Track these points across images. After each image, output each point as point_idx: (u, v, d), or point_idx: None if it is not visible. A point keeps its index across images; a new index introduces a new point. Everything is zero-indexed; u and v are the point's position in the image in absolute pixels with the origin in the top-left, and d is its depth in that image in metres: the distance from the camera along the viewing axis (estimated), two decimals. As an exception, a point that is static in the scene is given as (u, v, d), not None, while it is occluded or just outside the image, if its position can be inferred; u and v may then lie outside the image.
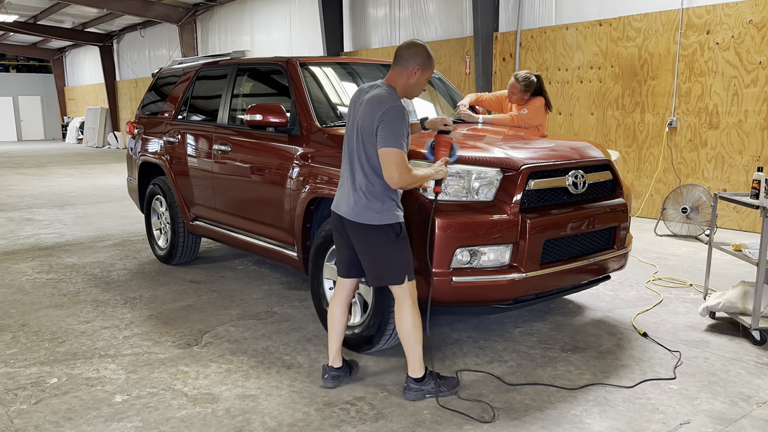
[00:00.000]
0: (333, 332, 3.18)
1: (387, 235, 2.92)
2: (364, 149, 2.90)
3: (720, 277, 5.19)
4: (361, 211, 2.92)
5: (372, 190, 2.91)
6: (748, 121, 6.86)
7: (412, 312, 2.98)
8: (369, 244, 2.96)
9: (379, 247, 2.94)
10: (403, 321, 2.99)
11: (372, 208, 2.90)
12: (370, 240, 2.94)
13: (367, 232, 2.93)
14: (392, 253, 2.94)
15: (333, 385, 3.17)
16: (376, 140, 2.82)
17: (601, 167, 3.76)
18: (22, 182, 12.35)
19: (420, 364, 3.04)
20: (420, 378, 3.04)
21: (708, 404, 3.02)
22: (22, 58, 29.15)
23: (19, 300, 4.69)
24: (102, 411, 2.96)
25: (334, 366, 3.20)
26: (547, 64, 8.75)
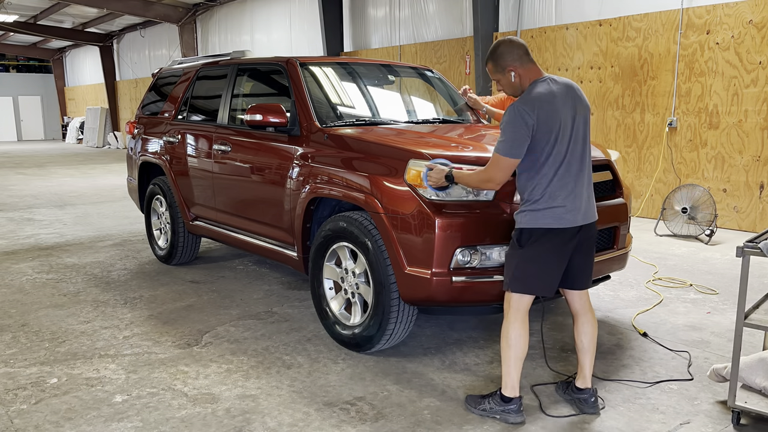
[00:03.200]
0: (522, 361, 2.85)
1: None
2: (588, 137, 2.84)
3: (720, 277, 5.19)
4: (595, 206, 2.89)
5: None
6: (748, 121, 6.86)
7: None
8: (595, 239, 2.94)
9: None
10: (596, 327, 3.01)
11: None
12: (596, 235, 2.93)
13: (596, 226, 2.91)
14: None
15: (524, 417, 2.86)
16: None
17: (601, 167, 3.76)
18: (22, 182, 12.35)
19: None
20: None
21: (708, 404, 3.01)
22: (22, 58, 29.14)
23: (19, 300, 4.69)
24: (102, 411, 2.96)
25: (520, 395, 2.89)
26: (548, 64, 8.75)
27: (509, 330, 2.82)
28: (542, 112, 2.65)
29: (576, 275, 2.90)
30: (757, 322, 2.71)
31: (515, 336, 2.81)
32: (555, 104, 2.68)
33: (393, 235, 3.25)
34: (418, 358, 3.55)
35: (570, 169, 2.72)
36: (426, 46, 10.72)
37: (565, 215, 2.71)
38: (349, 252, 3.60)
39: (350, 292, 3.65)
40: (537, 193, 2.71)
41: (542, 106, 2.66)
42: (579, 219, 2.75)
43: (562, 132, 2.68)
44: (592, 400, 2.93)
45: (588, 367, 2.95)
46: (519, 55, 2.82)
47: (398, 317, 3.38)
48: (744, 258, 2.65)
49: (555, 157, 2.69)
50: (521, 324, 2.82)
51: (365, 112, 4.45)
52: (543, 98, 2.68)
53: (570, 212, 2.72)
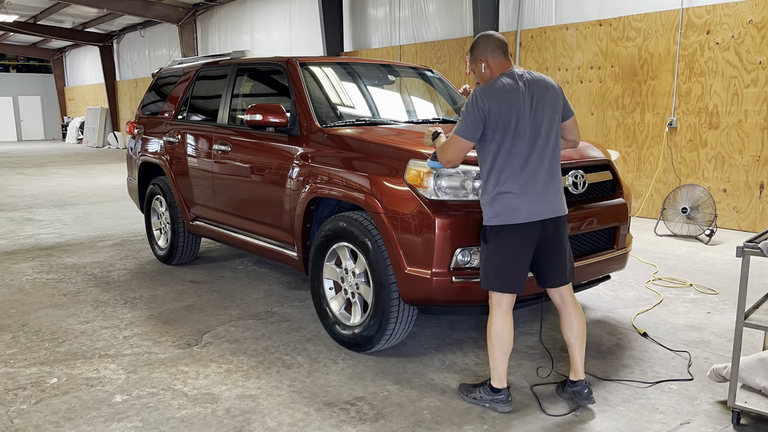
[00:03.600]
0: (508, 354, 2.93)
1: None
2: (556, 134, 2.86)
3: (720, 277, 5.19)
4: (564, 202, 2.92)
5: (560, 173, 2.90)
6: (748, 121, 6.86)
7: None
8: (565, 236, 2.95)
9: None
10: (584, 321, 3.04)
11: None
12: (566, 230, 2.95)
13: (565, 223, 2.93)
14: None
15: (512, 406, 2.96)
16: (563, 114, 2.88)
17: (601, 167, 3.76)
18: (22, 182, 12.35)
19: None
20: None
21: (708, 404, 3.01)
22: (22, 58, 29.13)
23: (19, 300, 4.69)
24: (102, 411, 2.96)
25: (508, 386, 2.99)
26: (547, 64, 8.75)
27: (492, 326, 2.89)
28: (495, 102, 2.71)
29: (550, 272, 2.93)
30: (757, 322, 2.71)
31: (497, 332, 2.88)
32: (512, 96, 2.73)
33: (393, 235, 3.25)
34: (418, 358, 3.55)
35: (531, 164, 2.75)
36: (426, 46, 10.72)
37: (519, 210, 2.74)
38: (349, 252, 3.60)
39: (350, 292, 3.65)
40: (490, 184, 2.79)
41: (497, 97, 2.72)
42: (538, 214, 2.77)
43: (518, 126, 2.72)
44: (586, 391, 2.95)
45: (578, 359, 2.99)
46: (492, 48, 2.85)
47: (398, 317, 3.38)
48: (744, 258, 2.65)
49: (511, 150, 2.73)
50: (503, 320, 2.89)
51: (365, 112, 4.45)
52: (500, 89, 2.74)
53: (526, 207, 2.75)
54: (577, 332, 2.98)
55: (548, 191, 2.81)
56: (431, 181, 3.18)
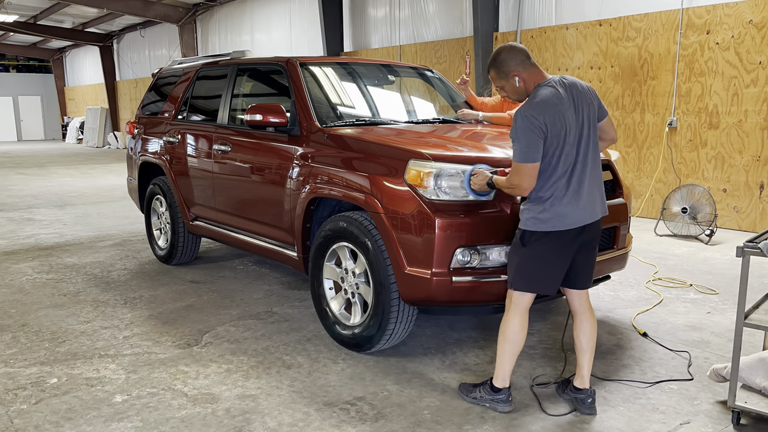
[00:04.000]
0: (516, 356, 2.93)
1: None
2: (596, 136, 2.85)
3: (720, 277, 5.19)
4: (605, 202, 2.91)
5: (602, 173, 2.89)
6: (748, 121, 6.86)
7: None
8: (599, 237, 2.95)
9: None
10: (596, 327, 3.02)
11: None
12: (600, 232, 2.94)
13: (601, 223, 2.92)
14: None
15: (513, 406, 2.96)
16: (599, 114, 2.87)
17: (601, 167, 3.75)
18: (22, 182, 12.35)
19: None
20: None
21: (708, 404, 3.01)
22: (22, 58, 29.14)
23: (19, 300, 4.69)
24: (102, 411, 2.96)
25: (509, 386, 2.98)
26: (548, 64, 8.75)
27: (508, 325, 2.87)
28: (548, 115, 2.65)
29: (578, 274, 2.91)
30: (757, 322, 2.71)
31: (514, 331, 2.87)
32: (561, 107, 2.69)
33: (393, 235, 3.25)
34: (418, 358, 3.55)
35: (577, 169, 2.74)
36: (426, 46, 10.72)
37: (568, 216, 2.72)
38: (349, 252, 3.60)
39: (350, 292, 3.65)
40: (546, 194, 2.72)
41: (548, 110, 2.66)
42: (582, 219, 2.76)
43: (568, 134, 2.70)
44: (589, 401, 2.93)
45: (586, 367, 2.95)
46: (521, 59, 2.80)
47: (398, 317, 3.38)
48: (744, 258, 2.65)
49: (565, 159, 2.70)
50: (521, 320, 2.88)
51: (365, 112, 4.45)
52: (549, 102, 2.68)
53: (574, 214, 2.73)
54: (590, 338, 2.95)
55: (593, 195, 2.81)
56: (431, 181, 3.18)
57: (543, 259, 2.78)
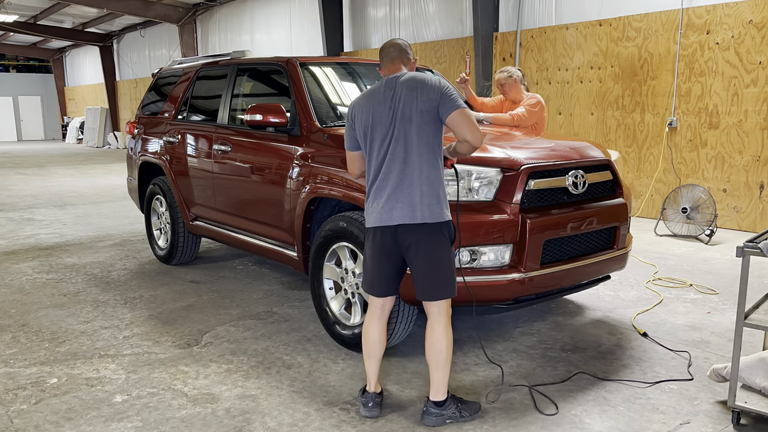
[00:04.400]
0: (373, 358, 2.89)
1: (448, 233, 2.73)
2: (422, 136, 2.66)
3: (720, 277, 5.19)
4: (427, 209, 2.66)
5: (435, 180, 2.69)
6: (748, 121, 6.86)
7: (449, 329, 2.79)
8: (435, 247, 2.69)
9: (443, 249, 2.70)
10: (443, 338, 2.76)
11: (439, 201, 2.69)
12: (437, 241, 2.69)
13: (434, 232, 2.68)
14: (449, 258, 2.74)
15: (378, 413, 2.89)
16: (443, 111, 2.64)
17: (601, 167, 3.76)
18: (22, 182, 12.35)
19: (445, 386, 2.82)
20: (441, 402, 2.81)
21: (708, 404, 3.02)
22: (22, 58, 29.14)
23: (19, 300, 4.69)
24: (102, 411, 2.96)
25: (377, 392, 2.94)
26: (547, 64, 8.75)
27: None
28: (356, 110, 2.81)
29: (415, 282, 2.78)
30: (757, 322, 2.71)
31: (364, 332, 2.90)
32: (370, 102, 2.77)
33: (393, 235, 3.24)
34: (418, 358, 3.55)
35: (383, 169, 2.72)
36: (426, 46, 10.72)
37: (372, 214, 2.77)
38: (349, 252, 3.60)
39: (350, 292, 3.65)
40: (367, 189, 2.82)
41: (358, 104, 2.82)
42: (383, 219, 2.71)
43: (376, 130, 2.73)
44: (424, 409, 2.84)
45: (432, 377, 2.82)
46: (381, 57, 2.92)
47: (398, 317, 3.38)
48: (744, 258, 2.65)
49: (375, 156, 2.75)
50: (369, 321, 2.89)
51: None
52: (361, 97, 2.83)
53: (377, 212, 2.74)
54: (430, 350, 2.78)
55: (396, 196, 2.67)
56: None
57: (367, 258, 2.86)
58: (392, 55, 2.88)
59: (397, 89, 2.72)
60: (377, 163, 2.74)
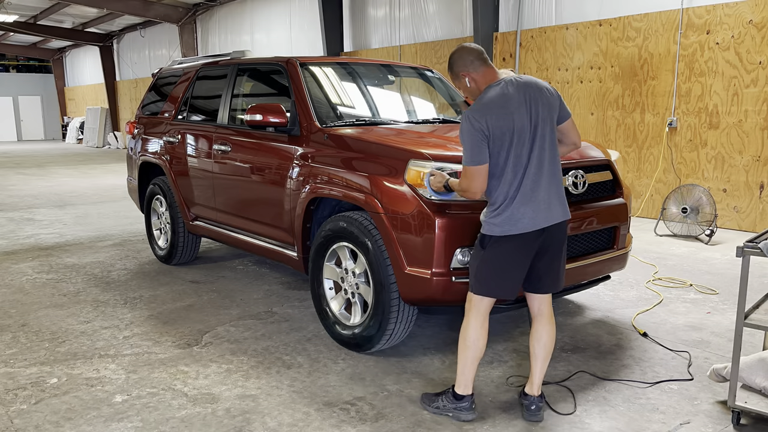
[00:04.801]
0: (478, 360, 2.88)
1: None
2: (553, 135, 2.76)
3: (720, 277, 5.19)
4: (566, 206, 2.82)
5: (561, 176, 2.81)
6: (748, 121, 6.86)
7: None
8: (564, 242, 2.87)
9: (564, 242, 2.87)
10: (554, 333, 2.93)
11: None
12: (565, 237, 2.86)
13: (565, 228, 2.84)
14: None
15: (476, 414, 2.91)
16: (562, 115, 2.80)
17: (601, 167, 3.76)
18: (22, 182, 12.35)
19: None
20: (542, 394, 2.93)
21: (708, 404, 3.02)
22: (22, 58, 29.14)
23: (19, 300, 4.69)
24: (102, 411, 2.96)
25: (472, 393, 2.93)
26: (547, 64, 8.75)
27: (468, 330, 2.82)
28: (492, 117, 2.62)
29: (541, 278, 2.84)
30: (757, 322, 2.71)
31: (474, 337, 2.81)
32: (508, 108, 2.65)
33: (393, 235, 3.25)
34: (418, 358, 3.55)
35: (530, 172, 2.67)
36: (426, 46, 10.72)
37: (522, 220, 2.68)
38: (349, 252, 3.60)
39: (350, 292, 3.65)
40: (500, 198, 2.69)
41: (492, 111, 2.63)
42: (539, 222, 2.70)
43: (518, 135, 2.64)
44: (533, 407, 2.87)
45: (537, 374, 2.89)
46: (471, 60, 2.76)
47: (398, 317, 3.38)
48: (744, 258, 2.65)
49: (515, 161, 2.65)
50: (480, 325, 2.83)
51: (365, 112, 4.45)
52: (493, 103, 2.65)
53: (529, 217, 2.68)
54: (545, 346, 2.87)
55: (550, 197, 2.72)
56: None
57: (499, 264, 2.74)
58: (485, 57, 2.81)
59: (528, 92, 2.70)
60: (521, 168, 2.67)
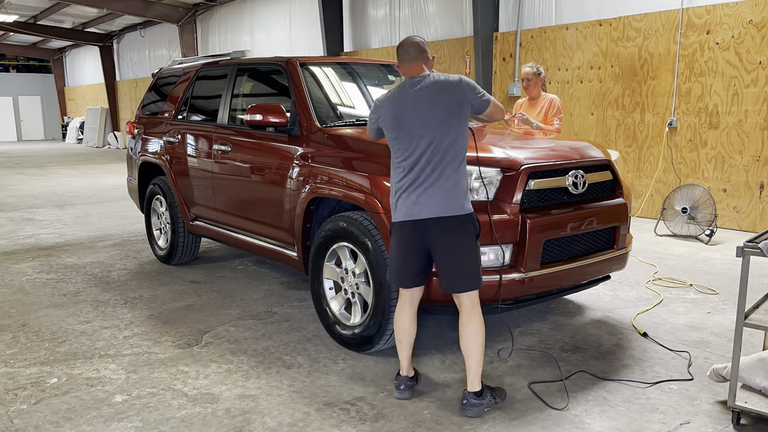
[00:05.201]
0: (405, 344, 3.06)
1: (472, 226, 2.85)
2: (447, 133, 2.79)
3: (720, 277, 5.19)
4: (454, 202, 2.80)
5: (460, 175, 2.83)
6: (748, 121, 6.86)
7: (482, 320, 2.90)
8: (460, 239, 2.82)
9: (468, 241, 2.84)
10: (479, 330, 2.88)
11: (462, 194, 2.82)
12: (462, 234, 2.82)
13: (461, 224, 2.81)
14: (476, 250, 2.88)
15: (409, 395, 3.06)
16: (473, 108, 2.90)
17: (601, 167, 3.76)
18: (22, 182, 12.35)
19: (480, 377, 2.92)
20: (480, 392, 2.91)
21: (708, 404, 3.02)
22: (22, 58, 29.13)
23: (19, 300, 4.69)
24: (102, 411, 2.96)
25: (410, 375, 3.10)
26: (547, 64, 8.75)
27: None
28: (382, 110, 2.96)
29: (441, 275, 2.94)
30: (757, 322, 2.71)
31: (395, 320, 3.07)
32: (397, 103, 2.90)
33: (393, 235, 3.25)
34: (418, 358, 3.55)
35: (417, 165, 2.82)
36: (426, 46, 10.71)
37: (401, 209, 2.86)
38: (349, 252, 3.60)
39: (350, 292, 3.65)
40: (394, 187, 2.92)
41: (383, 105, 2.97)
42: (414, 214, 2.83)
43: (401, 130, 2.85)
44: (464, 402, 2.92)
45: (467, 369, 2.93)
46: (400, 54, 3.00)
47: (398, 317, 3.38)
48: (744, 258, 2.65)
49: (402, 153, 2.85)
50: (398, 311, 3.06)
51: (365, 112, 4.45)
52: (386, 98, 2.98)
53: (406, 207, 2.84)
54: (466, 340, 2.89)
55: (432, 192, 2.79)
56: None
57: (393, 251, 2.97)
58: (412, 54, 2.96)
59: (424, 92, 2.85)
60: (408, 163, 2.83)
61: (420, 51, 2.96)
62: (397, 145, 2.88)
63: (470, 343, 2.89)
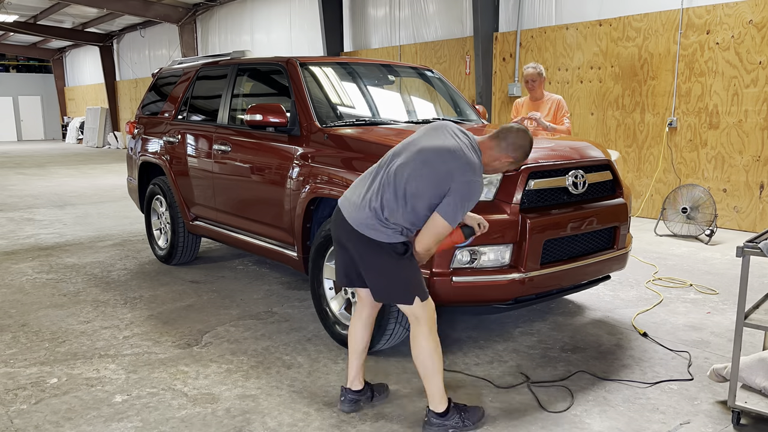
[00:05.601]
0: (352, 353, 2.95)
1: (389, 252, 2.65)
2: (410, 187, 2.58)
3: (720, 277, 5.19)
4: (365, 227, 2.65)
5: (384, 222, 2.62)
6: (748, 121, 6.86)
7: (429, 337, 2.69)
8: (372, 257, 2.69)
9: (383, 261, 2.67)
10: (418, 348, 2.69)
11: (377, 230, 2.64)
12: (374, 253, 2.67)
13: (369, 245, 2.66)
14: (397, 269, 2.67)
15: (350, 409, 2.92)
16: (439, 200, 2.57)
17: (601, 167, 3.76)
18: (22, 182, 12.35)
19: (441, 395, 2.73)
20: (443, 412, 2.72)
21: (708, 404, 3.02)
22: (22, 58, 29.13)
23: (19, 300, 4.69)
24: (102, 411, 2.96)
25: (353, 389, 2.95)
26: (547, 64, 8.75)
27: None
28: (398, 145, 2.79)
29: None
30: (757, 322, 2.71)
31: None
32: (411, 139, 2.76)
33: (393, 235, 3.24)
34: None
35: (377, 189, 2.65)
36: (426, 46, 10.72)
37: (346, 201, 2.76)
38: (349, 252, 3.59)
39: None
40: (357, 180, 2.87)
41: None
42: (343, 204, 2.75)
43: (395, 156, 2.71)
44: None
45: (425, 389, 2.79)
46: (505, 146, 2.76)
47: (398, 317, 3.38)
48: (744, 258, 2.65)
49: (378, 172, 2.72)
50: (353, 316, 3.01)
51: (365, 112, 4.45)
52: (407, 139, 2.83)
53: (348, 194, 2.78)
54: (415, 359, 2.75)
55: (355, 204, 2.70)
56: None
57: None
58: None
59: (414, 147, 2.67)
60: (376, 179, 2.70)
61: (504, 137, 2.69)
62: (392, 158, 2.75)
63: (416, 361, 2.73)
